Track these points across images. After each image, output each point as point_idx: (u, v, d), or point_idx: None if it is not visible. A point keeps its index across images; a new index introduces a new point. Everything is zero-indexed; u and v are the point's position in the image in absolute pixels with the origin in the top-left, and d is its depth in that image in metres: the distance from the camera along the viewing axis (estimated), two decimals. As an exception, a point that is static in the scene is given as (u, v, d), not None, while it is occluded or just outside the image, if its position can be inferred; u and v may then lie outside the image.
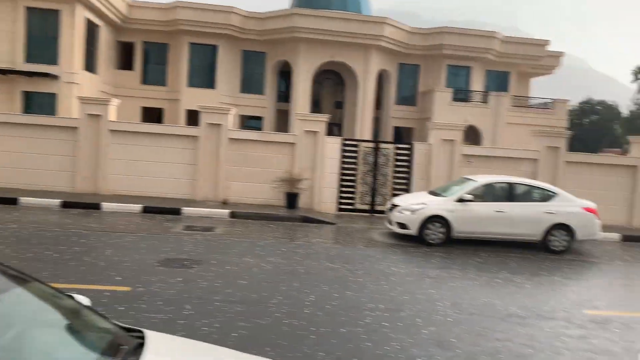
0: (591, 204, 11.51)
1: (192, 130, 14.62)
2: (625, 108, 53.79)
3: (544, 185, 11.72)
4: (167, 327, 5.39)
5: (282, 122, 28.09)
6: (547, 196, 11.40)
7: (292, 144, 14.47)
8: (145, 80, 27.60)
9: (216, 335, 5.30)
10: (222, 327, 5.54)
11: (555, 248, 11.10)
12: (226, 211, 12.97)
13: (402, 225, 11.22)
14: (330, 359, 4.94)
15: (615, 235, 13.41)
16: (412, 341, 5.55)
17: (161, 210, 12.84)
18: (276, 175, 14.34)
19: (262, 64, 27.91)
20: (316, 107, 28.51)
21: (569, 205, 11.30)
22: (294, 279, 7.63)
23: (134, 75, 27.37)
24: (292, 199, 14.04)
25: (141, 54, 27.45)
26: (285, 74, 28.17)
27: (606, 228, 13.63)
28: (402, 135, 29.21)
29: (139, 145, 14.40)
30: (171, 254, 8.67)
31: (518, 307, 7.06)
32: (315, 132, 14.38)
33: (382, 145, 14.84)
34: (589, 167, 15.18)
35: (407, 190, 14.55)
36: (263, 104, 27.82)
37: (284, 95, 28.72)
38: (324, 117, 14.61)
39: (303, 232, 11.78)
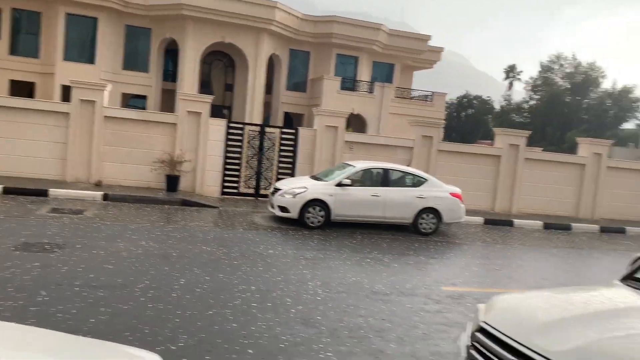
0: (457, 190, 12.41)
1: (62, 107, 13.58)
2: (497, 103, 58.59)
3: (416, 172, 12.45)
4: (17, 314, 5.01)
5: (169, 103, 27.01)
6: (418, 182, 12.11)
7: (174, 124, 13.99)
8: (14, 50, 25.11)
9: (72, 322, 5.01)
10: (79, 313, 5.25)
11: (424, 230, 11.85)
12: (99, 193, 12.26)
13: (283, 209, 11.34)
14: (193, 341, 4.88)
15: (479, 219, 14.60)
16: (278, 320, 5.64)
17: (25, 191, 11.82)
18: (156, 156, 13.79)
19: (147, 40, 26.57)
20: (205, 88, 27.74)
21: (438, 191, 12.10)
22: (165, 263, 7.42)
23: (1, 44, 24.78)
24: (172, 182, 13.61)
25: (9, 21, 24.89)
26: (172, 52, 27.06)
27: (472, 212, 14.81)
28: (292, 121, 29.42)
29: (1, 120, 13.10)
30: (32, 238, 8.04)
31: (384, 285, 7.45)
32: (198, 113, 14.01)
33: (268, 130, 14.85)
34: (458, 156, 16.33)
35: (292, 175, 14.70)
36: (148, 83, 26.56)
37: (171, 74, 27.63)
38: (208, 98, 14.28)
39: (182, 215, 11.48)
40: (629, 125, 54.84)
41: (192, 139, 14.01)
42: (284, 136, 14.83)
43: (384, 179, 11.93)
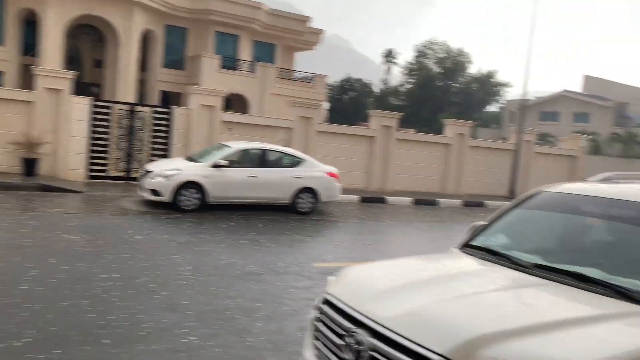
0: (333, 169, 12.72)
1: None
2: (377, 86, 60.90)
3: (293, 152, 12.56)
4: None
5: (30, 79, 24.56)
6: (295, 162, 12.23)
7: (30, 102, 12.75)
8: None
9: None
10: None
11: (302, 209, 12.02)
12: (-60, 180, 10.89)
13: (154, 192, 10.87)
14: (41, 336, 4.50)
15: (355, 197, 15.13)
16: (141, 307, 5.40)
17: None
18: (11, 138, 12.50)
19: (0, 9, 23.82)
20: (72, 64, 25.59)
21: (315, 170, 12.32)
22: (16, 254, 6.78)
23: None
24: (30, 166, 12.44)
25: None
26: (33, 24, 24.55)
27: (348, 191, 15.30)
28: (170, 100, 28.21)
29: None
30: None
31: (257, 265, 7.43)
32: (59, 91, 12.89)
33: (139, 109, 14.10)
34: (336, 137, 16.75)
35: (166, 156, 14.13)
36: (3, 57, 23.90)
37: (32, 48, 25.08)
38: (69, 74, 13.20)
39: (40, 202, 10.55)
40: (492, 107, 59.94)
41: (53, 119, 12.88)
42: (156, 115, 14.18)
43: (261, 159, 11.89)
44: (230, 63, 27.46)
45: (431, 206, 15.78)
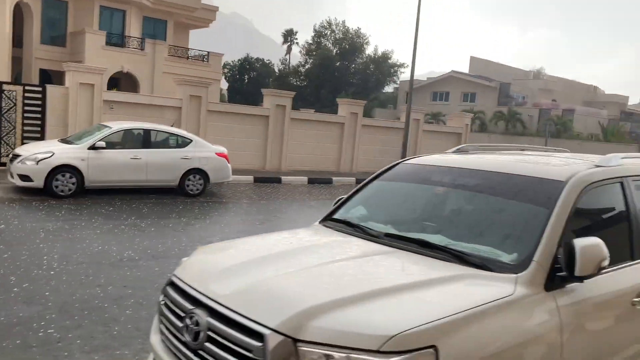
0: (223, 150, 12.42)
1: None
2: (278, 67, 60.49)
3: (180, 132, 12.10)
4: None
5: None
6: (183, 142, 11.79)
7: None
8: None
9: None
10: None
11: (191, 192, 11.65)
12: None
13: (25, 178, 10.01)
14: None
15: (249, 178, 14.94)
16: (-7, 303, 4.93)
17: None
18: None
19: None
20: None
21: (204, 151, 11.95)
22: None
23: None
24: None
25: None
26: None
27: (243, 171, 15.11)
28: (52, 79, 26.09)
29: None
30: None
31: (134, 251, 7.07)
32: None
33: (6, 87, 12.81)
34: (229, 117, 16.38)
35: (41, 139, 13.04)
36: None
37: None
38: None
39: None
40: (389, 88, 61.82)
41: None
42: (29, 95, 12.98)
43: (145, 140, 11.32)
44: (117, 40, 25.89)
45: (326, 185, 15.98)
